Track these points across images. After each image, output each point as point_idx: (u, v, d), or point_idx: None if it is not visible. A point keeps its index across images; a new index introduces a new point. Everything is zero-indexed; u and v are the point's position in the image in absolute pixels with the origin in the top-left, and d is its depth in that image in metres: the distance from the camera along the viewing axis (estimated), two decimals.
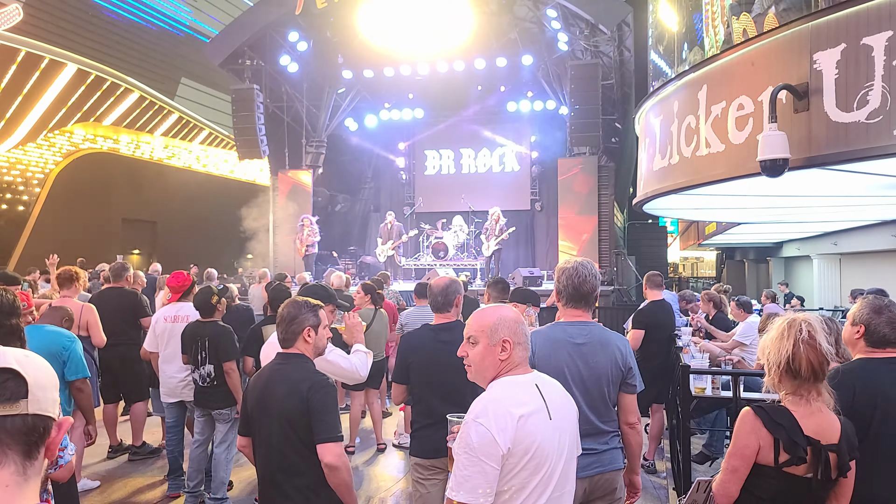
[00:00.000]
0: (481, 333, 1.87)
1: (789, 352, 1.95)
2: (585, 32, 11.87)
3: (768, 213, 9.62)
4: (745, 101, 5.41)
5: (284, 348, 2.48)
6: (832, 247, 13.58)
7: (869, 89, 4.48)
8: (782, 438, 1.91)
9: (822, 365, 1.95)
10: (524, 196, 15.65)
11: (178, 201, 19.83)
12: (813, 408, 1.96)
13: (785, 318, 2.06)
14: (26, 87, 14.87)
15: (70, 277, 5.04)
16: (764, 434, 1.94)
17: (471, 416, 1.73)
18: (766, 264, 21.76)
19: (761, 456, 1.94)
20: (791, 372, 1.96)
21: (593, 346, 2.55)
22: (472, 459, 1.67)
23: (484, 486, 1.66)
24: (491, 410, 1.71)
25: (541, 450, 1.72)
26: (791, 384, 1.98)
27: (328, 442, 2.27)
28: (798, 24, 4.94)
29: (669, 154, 6.61)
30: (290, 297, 4.09)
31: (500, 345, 1.84)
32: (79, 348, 3.50)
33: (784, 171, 4.71)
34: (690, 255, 30.65)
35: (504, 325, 1.87)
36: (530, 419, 1.72)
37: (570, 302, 2.64)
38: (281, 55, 13.67)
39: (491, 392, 1.81)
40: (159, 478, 5.12)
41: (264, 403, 2.37)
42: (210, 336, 4.24)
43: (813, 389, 1.97)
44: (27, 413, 0.92)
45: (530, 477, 1.71)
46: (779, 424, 1.93)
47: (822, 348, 1.95)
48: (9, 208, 15.29)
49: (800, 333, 1.96)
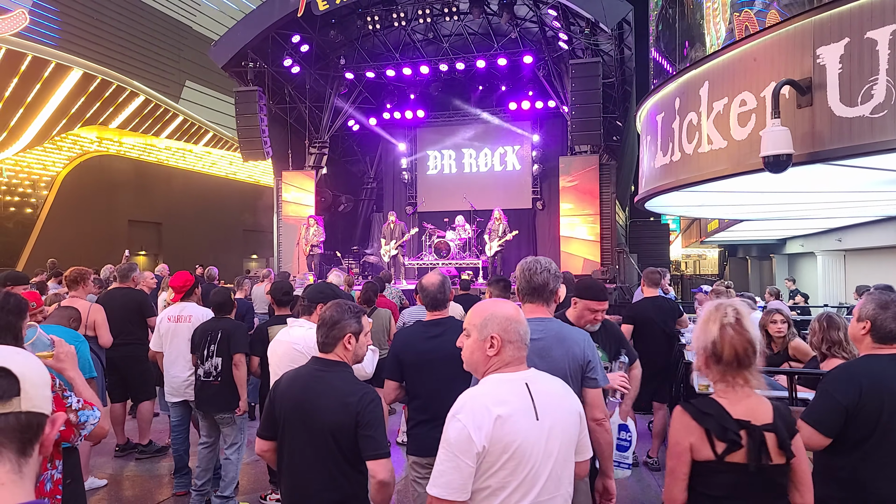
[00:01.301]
0: (473, 327, 1.86)
1: (714, 336, 1.89)
2: (586, 31, 11.86)
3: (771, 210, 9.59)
4: (747, 96, 5.41)
5: (323, 352, 2.37)
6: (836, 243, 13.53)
7: (873, 83, 4.47)
8: (711, 427, 1.85)
9: (746, 351, 1.87)
10: (526, 195, 15.66)
11: (183, 203, 19.93)
12: (741, 394, 1.89)
13: (713, 303, 1.99)
14: (33, 91, 14.96)
15: (78, 278, 5.08)
16: (694, 427, 1.88)
17: (452, 411, 1.72)
18: (770, 261, 21.69)
19: (699, 452, 1.86)
20: (715, 357, 1.90)
21: (549, 342, 2.47)
22: (448, 454, 1.66)
23: (458, 483, 1.64)
24: (469, 407, 1.69)
25: (521, 450, 1.67)
26: (716, 369, 1.92)
27: (380, 458, 2.18)
28: (801, 19, 4.93)
29: (671, 151, 6.60)
30: (289, 286, 4.08)
31: (489, 340, 1.81)
32: (85, 349, 3.53)
33: (787, 167, 4.71)
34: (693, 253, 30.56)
35: (494, 321, 1.82)
36: (510, 419, 1.68)
37: (526, 297, 2.61)
38: (283, 57, 13.72)
39: (475, 389, 1.80)
40: (166, 476, 5.15)
41: (305, 412, 2.25)
42: (223, 329, 4.30)
43: (738, 376, 1.89)
44: (21, 411, 0.93)
45: (509, 477, 1.67)
46: (706, 414, 1.87)
47: (748, 334, 1.88)
48: (17, 211, 15.38)
49: (725, 318, 1.90)
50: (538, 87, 14.77)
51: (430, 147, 16.51)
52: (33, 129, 15.28)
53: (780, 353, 4.43)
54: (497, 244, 12.51)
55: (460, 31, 14.35)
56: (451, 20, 13.58)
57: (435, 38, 14.65)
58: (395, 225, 13.32)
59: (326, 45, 14.20)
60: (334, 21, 13.50)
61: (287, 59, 13.74)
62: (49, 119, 15.54)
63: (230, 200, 21.85)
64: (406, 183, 16.75)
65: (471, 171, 16.20)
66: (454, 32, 14.40)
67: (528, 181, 15.66)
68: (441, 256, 13.03)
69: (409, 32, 14.33)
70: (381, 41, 14.55)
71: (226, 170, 22.46)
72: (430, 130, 16.46)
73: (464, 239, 13.23)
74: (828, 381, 2.39)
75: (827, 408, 2.29)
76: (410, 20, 13.46)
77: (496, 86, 15.40)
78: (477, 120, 15.72)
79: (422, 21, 13.41)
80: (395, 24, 13.39)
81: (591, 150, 12.76)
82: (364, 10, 13.21)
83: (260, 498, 4.69)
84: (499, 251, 12.63)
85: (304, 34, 13.44)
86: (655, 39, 10.36)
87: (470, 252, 13.20)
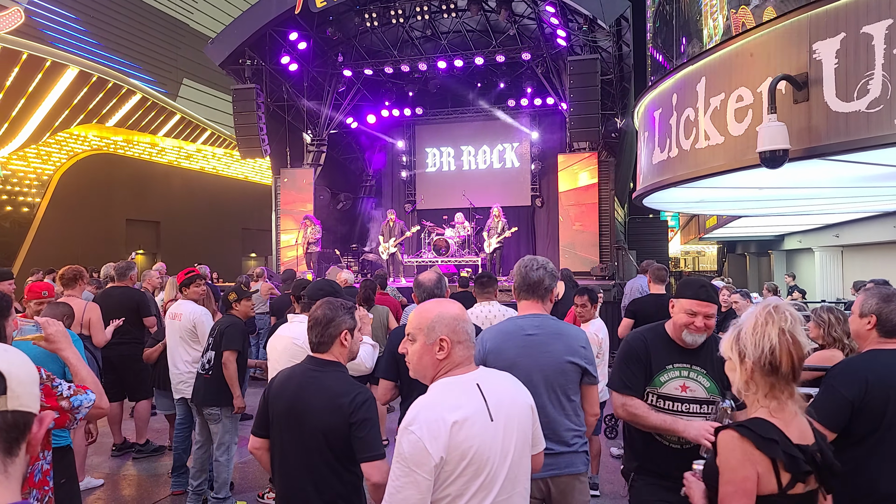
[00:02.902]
0: (418, 331, 1.77)
1: (773, 342, 1.63)
2: (584, 28, 11.83)
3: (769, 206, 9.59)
4: (744, 92, 5.40)
5: (318, 353, 2.33)
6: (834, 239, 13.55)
7: (869, 78, 4.47)
8: (780, 457, 1.57)
9: (801, 361, 1.66)
10: (524, 192, 15.65)
11: (181, 201, 19.90)
12: (789, 411, 1.66)
13: (766, 304, 1.71)
14: (29, 89, 14.92)
15: (74, 277, 5.08)
16: (759, 458, 1.59)
17: (404, 423, 1.64)
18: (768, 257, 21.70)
19: (763, 486, 1.58)
20: (771, 367, 1.64)
21: (545, 337, 2.46)
22: (404, 469, 1.59)
23: (416, 498, 1.58)
24: (423, 417, 1.62)
25: (479, 454, 1.63)
26: (767, 381, 1.66)
27: (375, 460, 2.14)
28: (797, 14, 4.93)
29: (668, 147, 6.60)
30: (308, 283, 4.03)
31: (438, 343, 1.74)
32: (79, 347, 3.51)
33: (784, 163, 4.70)
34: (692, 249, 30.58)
35: (442, 323, 1.75)
36: (466, 423, 1.62)
37: (522, 294, 2.61)
38: (281, 55, 13.68)
39: (426, 397, 1.70)
40: (163, 476, 5.14)
41: (297, 413, 2.22)
42: (220, 326, 4.39)
43: (787, 389, 1.67)
44: (6, 409, 0.91)
45: (469, 483, 1.62)
46: (771, 441, 1.59)
47: (803, 344, 1.66)
48: (13, 210, 15.35)
49: (784, 322, 1.65)
50: (536, 85, 14.75)
51: (429, 144, 16.50)
52: (29, 127, 15.24)
53: None
54: (496, 241, 12.51)
55: (458, 29, 14.32)
56: (449, 17, 13.55)
57: (433, 36, 14.62)
58: (394, 223, 13.31)
59: (324, 42, 14.17)
60: (332, 18, 13.46)
61: (285, 56, 13.71)
62: (45, 117, 15.49)
63: (228, 199, 21.82)
64: (405, 180, 16.74)
65: (469, 168, 16.19)
66: (452, 29, 14.37)
67: (526, 178, 15.65)
68: (440, 254, 13.03)
69: (408, 29, 14.29)
70: (380, 38, 14.52)
71: (224, 168, 22.43)
72: (429, 128, 16.44)
73: (463, 236, 13.22)
74: (833, 375, 2.37)
75: (832, 402, 2.27)
76: (408, 17, 13.42)
77: (494, 83, 15.38)
78: (475, 117, 15.70)
79: (420, 18, 13.38)
80: (392, 21, 13.35)
81: (589, 146, 12.75)
82: (362, 7, 13.17)
83: (258, 497, 4.69)
84: (498, 248, 12.62)
85: (302, 31, 13.40)
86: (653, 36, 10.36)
87: (469, 249, 13.20)
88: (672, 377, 2.39)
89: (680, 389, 2.37)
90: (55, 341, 2.18)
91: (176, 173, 20.19)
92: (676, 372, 2.39)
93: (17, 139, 15.15)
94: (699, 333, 2.35)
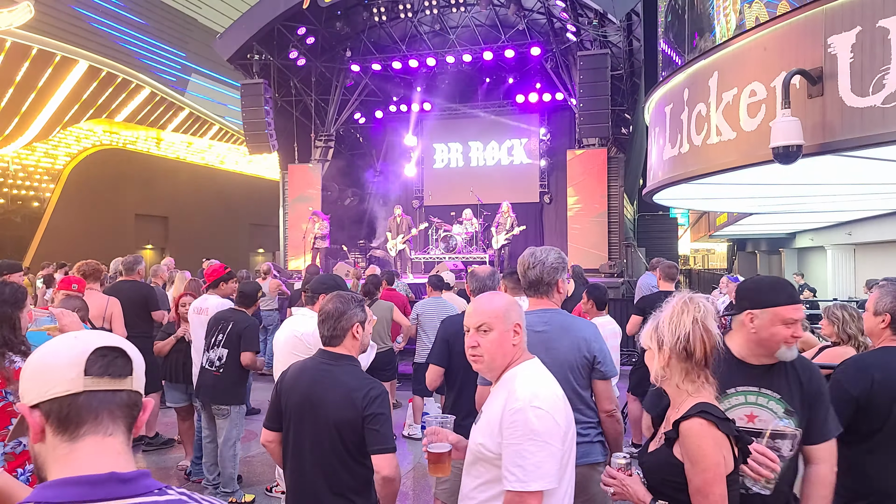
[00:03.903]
0: (495, 320, 1.80)
1: (687, 330, 1.74)
2: (594, 22, 11.75)
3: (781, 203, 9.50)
4: (757, 87, 5.33)
5: (331, 346, 2.33)
6: (846, 237, 13.40)
7: (885, 73, 4.39)
8: (734, 434, 1.66)
9: (713, 349, 1.75)
10: (533, 188, 15.58)
11: (189, 196, 19.99)
12: (707, 393, 1.74)
13: (681, 297, 1.83)
14: (39, 84, 15.01)
15: (95, 271, 5.12)
16: (721, 439, 1.64)
17: (523, 401, 1.67)
18: (779, 255, 21.52)
19: (728, 466, 1.65)
20: (686, 353, 1.74)
21: (554, 333, 2.45)
22: (538, 444, 1.63)
23: (555, 470, 1.65)
24: (542, 394, 1.70)
25: (571, 424, 1.76)
26: (681, 367, 1.75)
27: (385, 453, 2.17)
28: (812, 8, 4.85)
29: (679, 143, 6.53)
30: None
31: (513, 329, 1.81)
32: None
33: (798, 158, 4.64)
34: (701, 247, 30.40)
35: (513, 310, 1.83)
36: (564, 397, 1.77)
37: (528, 291, 2.61)
38: (289, 49, 13.68)
39: (531, 377, 1.78)
40: (173, 468, 5.18)
41: (310, 406, 2.24)
42: (236, 322, 4.32)
43: (702, 374, 1.76)
44: (132, 389, 1.00)
45: (570, 452, 1.75)
46: (726, 420, 1.67)
47: (713, 332, 1.76)
48: (24, 204, 15.47)
49: (697, 313, 1.76)
50: (546, 80, 14.66)
51: (437, 140, 16.45)
52: (39, 122, 15.35)
53: None
54: (504, 237, 12.47)
55: (467, 23, 14.25)
56: (457, 11, 13.49)
57: (442, 30, 14.56)
58: (402, 219, 13.29)
59: (332, 37, 14.15)
60: (340, 13, 13.44)
61: (293, 51, 13.71)
62: (55, 112, 15.60)
63: (236, 194, 21.90)
64: (413, 176, 16.71)
65: (478, 164, 16.13)
66: (461, 24, 14.30)
67: (535, 174, 15.58)
68: (448, 250, 13.01)
69: (416, 24, 14.25)
70: (388, 33, 14.48)
71: (232, 163, 22.51)
72: (437, 123, 16.39)
73: (470, 233, 13.19)
74: (840, 370, 2.36)
75: (837, 398, 2.24)
76: (417, 12, 13.38)
77: (503, 78, 15.30)
78: (484, 113, 15.63)
79: (428, 13, 13.33)
80: (401, 15, 13.32)
81: (599, 142, 12.67)
82: (370, 1, 13.15)
83: (265, 490, 4.70)
84: (505, 244, 12.58)
85: (310, 26, 13.39)
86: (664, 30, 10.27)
87: (477, 246, 13.17)
88: (736, 404, 1.96)
89: (746, 419, 1.95)
90: (70, 329, 2.20)
91: (184, 168, 20.28)
92: (742, 397, 1.96)
93: (27, 134, 15.26)
94: (792, 345, 1.94)
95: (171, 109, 19.13)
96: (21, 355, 2.00)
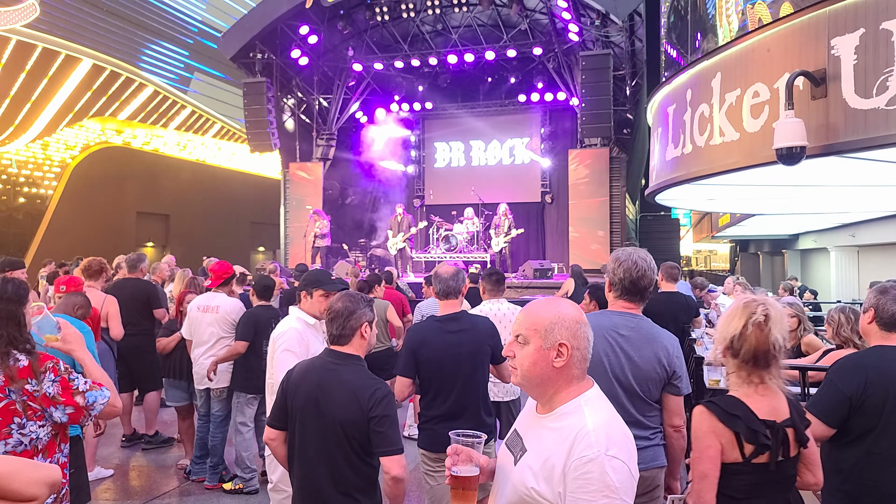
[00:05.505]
0: (533, 332, 1.53)
1: (736, 331, 1.86)
2: (596, 23, 11.73)
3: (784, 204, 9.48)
4: (760, 88, 5.32)
5: (338, 345, 2.31)
6: (850, 238, 13.36)
7: (889, 75, 4.38)
8: (742, 431, 1.81)
9: (763, 350, 1.84)
10: (534, 188, 15.56)
11: (191, 194, 20.01)
12: (760, 389, 1.87)
13: (741, 299, 1.96)
14: (43, 82, 15.04)
15: (100, 269, 5.13)
16: (722, 430, 1.83)
17: (598, 449, 1.42)
18: (782, 257, 21.47)
19: (727, 454, 1.83)
20: (733, 352, 1.88)
21: (638, 340, 2.38)
22: (613, 501, 1.38)
23: None
24: (616, 440, 1.44)
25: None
26: (732, 363, 1.91)
27: (394, 454, 2.16)
28: (815, 10, 4.84)
29: (682, 143, 6.52)
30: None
31: (556, 349, 1.51)
32: (90, 340, 3.52)
33: (801, 160, 4.63)
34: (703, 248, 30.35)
35: (563, 325, 1.52)
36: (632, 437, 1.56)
37: (625, 295, 2.47)
38: (292, 48, 13.69)
39: (598, 415, 1.50)
40: (172, 467, 5.17)
41: (316, 405, 2.23)
42: (277, 318, 4.47)
43: (754, 373, 1.88)
44: None
45: None
46: (734, 416, 1.83)
47: (770, 336, 1.83)
48: (26, 202, 15.50)
49: (753, 315, 1.86)
50: (548, 80, 14.64)
51: (439, 139, 16.44)
52: (42, 120, 15.38)
53: (792, 349, 4.37)
54: (503, 241, 12.46)
55: (469, 23, 14.24)
56: (459, 11, 13.47)
57: (444, 30, 14.55)
58: (403, 217, 13.29)
59: (335, 36, 14.15)
60: (342, 12, 13.44)
61: (295, 50, 13.71)
62: (58, 110, 15.62)
63: (238, 192, 21.91)
64: (414, 175, 16.70)
65: (479, 163, 16.12)
66: (463, 24, 14.29)
67: (536, 174, 15.56)
68: (449, 250, 13.01)
69: (418, 24, 14.24)
70: (390, 32, 14.47)
71: (234, 161, 22.52)
72: (439, 122, 16.38)
73: (472, 232, 13.18)
74: (834, 370, 2.37)
75: (831, 398, 2.27)
76: (419, 11, 13.37)
77: (505, 78, 15.28)
78: (486, 112, 15.62)
79: (430, 12, 13.32)
80: (403, 15, 13.31)
81: (601, 143, 12.66)
82: (372, 1, 13.14)
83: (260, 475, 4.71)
84: (506, 245, 12.58)
85: (313, 25, 13.40)
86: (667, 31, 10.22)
87: (478, 245, 13.16)
88: None
89: None
90: (69, 342, 2.21)
91: (186, 166, 20.30)
92: None
93: (30, 131, 15.30)
94: None
95: (174, 108, 19.15)
96: (25, 353, 1.99)
